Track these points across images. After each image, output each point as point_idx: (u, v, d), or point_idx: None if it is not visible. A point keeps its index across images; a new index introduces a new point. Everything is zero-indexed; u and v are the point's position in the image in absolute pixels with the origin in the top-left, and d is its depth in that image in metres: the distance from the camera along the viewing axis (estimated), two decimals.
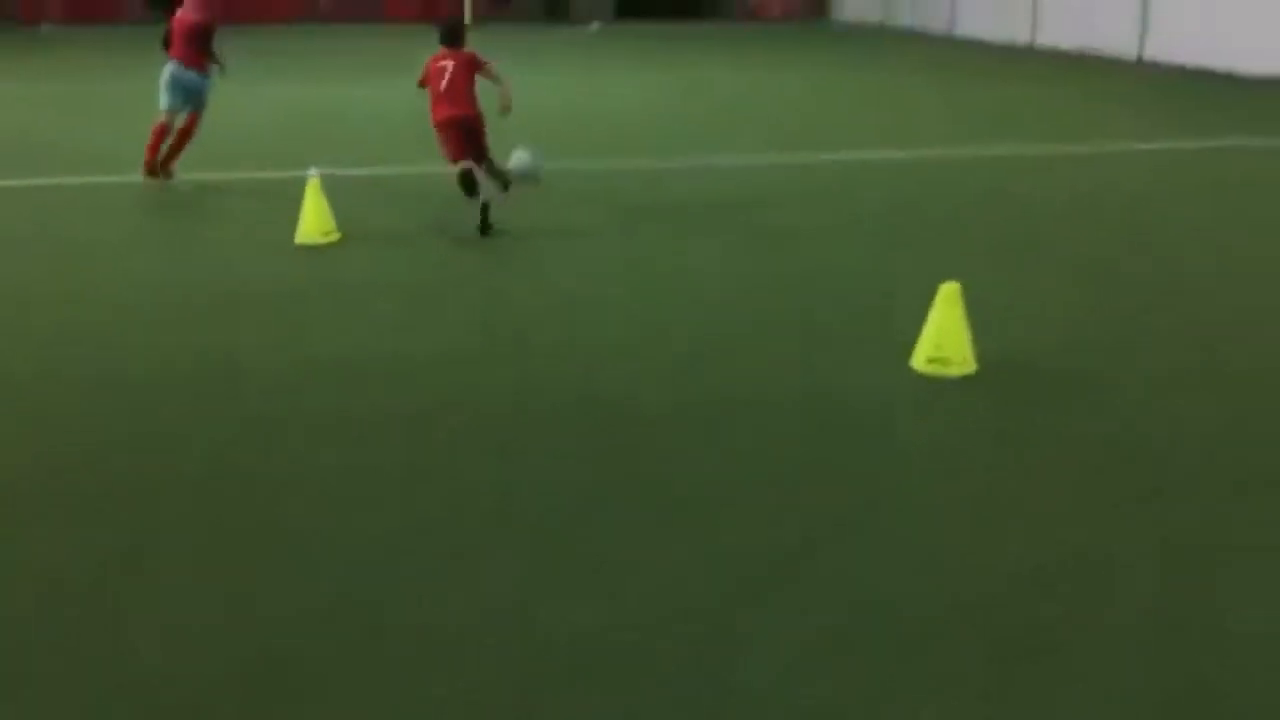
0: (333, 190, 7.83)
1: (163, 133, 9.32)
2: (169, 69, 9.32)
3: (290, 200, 7.97)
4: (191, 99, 9.35)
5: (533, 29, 27.20)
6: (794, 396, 5.02)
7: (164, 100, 9.28)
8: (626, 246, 7.72)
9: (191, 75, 9.31)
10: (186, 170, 9.64)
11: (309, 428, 4.69)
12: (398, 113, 13.66)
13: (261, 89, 15.91)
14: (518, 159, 8.12)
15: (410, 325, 6.02)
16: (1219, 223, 8.47)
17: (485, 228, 7.77)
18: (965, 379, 5.14)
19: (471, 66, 7.92)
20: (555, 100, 14.47)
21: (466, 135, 7.85)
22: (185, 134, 9.43)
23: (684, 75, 18.29)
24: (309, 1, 29.71)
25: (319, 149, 10.99)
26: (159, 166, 9.38)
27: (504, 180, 8.11)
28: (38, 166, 10.33)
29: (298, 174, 8.23)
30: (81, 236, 7.94)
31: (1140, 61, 19.62)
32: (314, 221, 7.62)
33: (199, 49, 9.33)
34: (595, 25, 28.46)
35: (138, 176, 9.44)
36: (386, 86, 16.11)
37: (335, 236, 7.65)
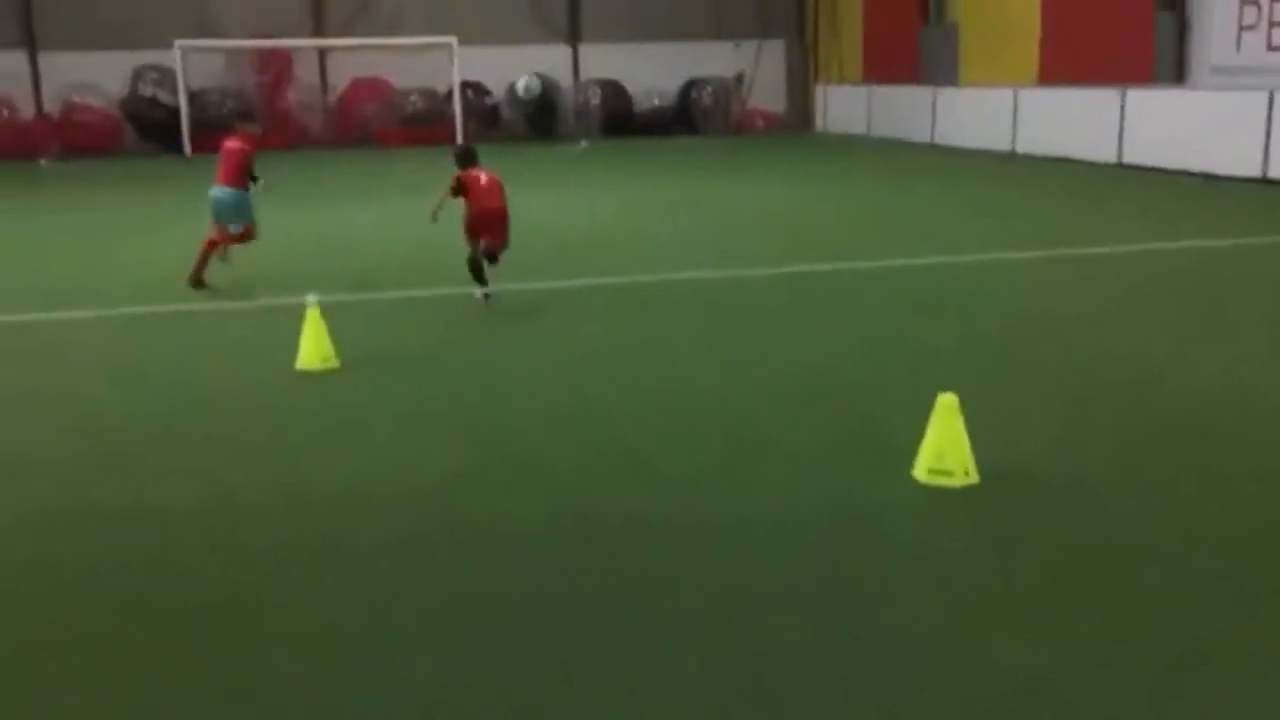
0: (331, 315, 7.94)
1: (212, 247, 10.58)
2: (215, 191, 10.55)
3: (289, 326, 8.07)
4: (241, 213, 10.66)
5: (521, 148, 27.80)
6: (796, 507, 5.04)
7: (215, 217, 10.60)
8: (625, 361, 7.81)
9: (236, 194, 10.58)
10: (186, 301, 9.76)
11: (306, 558, 4.69)
12: (392, 237, 13.91)
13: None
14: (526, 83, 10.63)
15: (407, 450, 6.06)
16: (1210, 323, 8.60)
17: (481, 273, 9.62)
18: (967, 489, 5.17)
19: (499, 181, 9.75)
20: (548, 217, 14.72)
21: (501, 224, 9.61)
22: (244, 238, 10.81)
23: (677, 189, 18.66)
24: (300, 130, 30.36)
25: (317, 274, 11.15)
26: (201, 275, 10.56)
27: (482, 273, 9.74)
28: (40, 300, 10.45)
29: (296, 300, 8.35)
30: (80, 365, 8.00)
31: (1120, 165, 20.07)
32: (313, 348, 7.71)
33: (242, 172, 10.58)
34: (583, 144, 29.09)
35: (132, 308, 9.55)
36: (380, 210, 16.44)
37: (334, 363, 7.74)
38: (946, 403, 5.24)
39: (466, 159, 9.82)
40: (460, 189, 9.63)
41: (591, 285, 10.56)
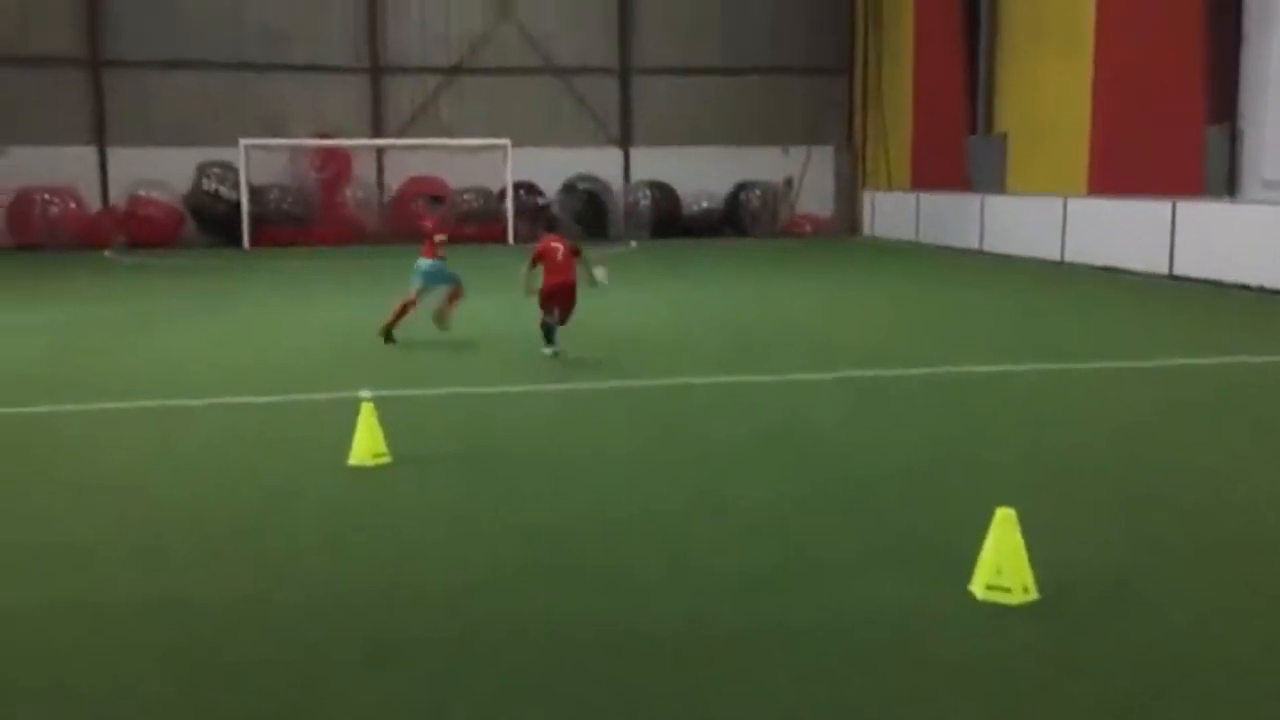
0: (385, 408, 8.01)
1: (407, 307, 12.79)
2: (422, 263, 12.88)
3: (343, 421, 8.16)
4: (444, 278, 13.03)
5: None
6: (849, 617, 4.96)
7: (416, 283, 12.85)
8: (677, 464, 7.78)
9: (437, 264, 12.94)
10: (239, 394, 9.92)
11: (355, 654, 4.67)
12: (444, 334, 14.07)
13: (312, 311, 16.50)
14: (600, 274, 11.96)
15: (457, 548, 6.05)
16: (1265, 438, 8.46)
17: (551, 336, 11.62)
18: (1026, 605, 5.07)
19: (574, 252, 11.66)
20: (595, 318, 14.85)
21: (570, 296, 11.56)
22: (455, 296, 13.20)
23: (724, 291, 18.79)
24: (356, 226, 31.01)
25: (372, 370, 11.29)
26: (390, 325, 12.96)
27: (553, 336, 11.74)
28: (99, 390, 10.65)
29: (350, 395, 8.45)
30: (138, 454, 8.11)
31: (1171, 277, 19.98)
32: (365, 443, 7.77)
33: (437, 248, 13.02)
34: (632, 244, 29.47)
35: (189, 400, 9.72)
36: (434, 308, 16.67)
37: (386, 458, 7.78)
38: (1005, 517, 5.17)
39: (551, 225, 11.77)
40: (537, 259, 11.30)
41: (642, 386, 10.60)
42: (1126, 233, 21.32)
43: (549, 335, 11.55)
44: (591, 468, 7.76)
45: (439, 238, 12.97)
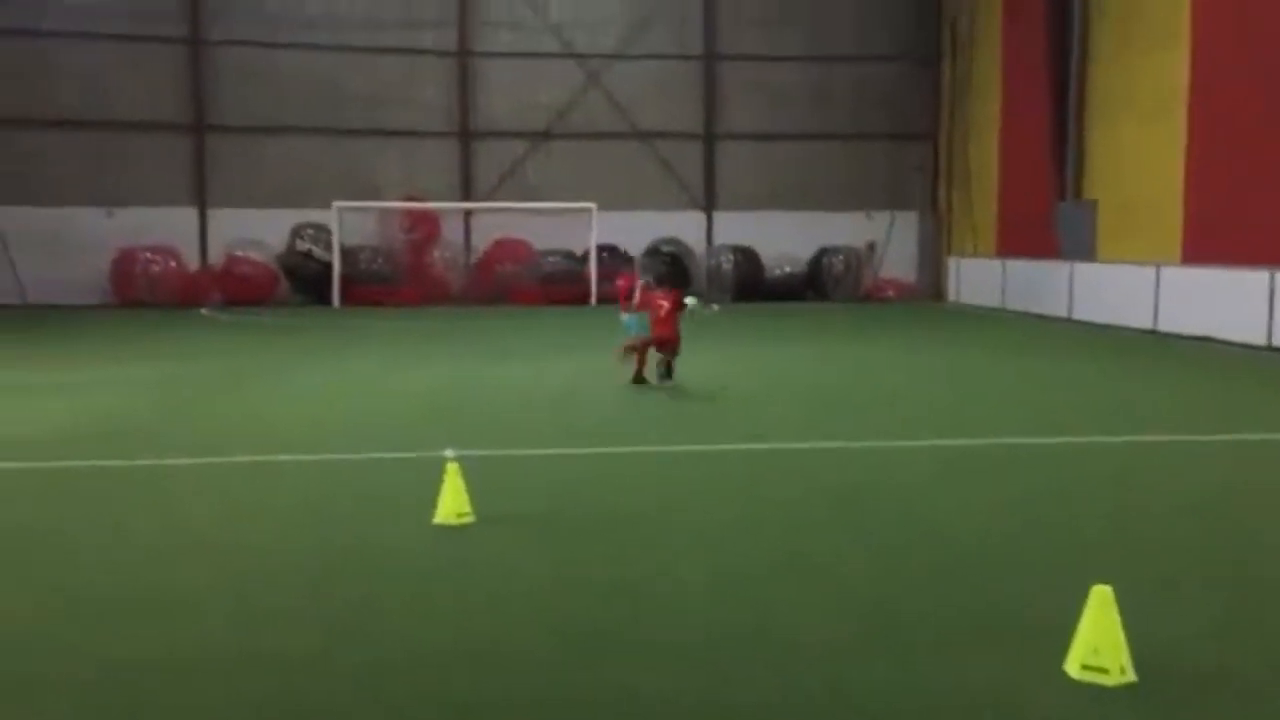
0: (470, 469, 8.08)
1: (638, 353, 14.48)
2: (624, 317, 15.23)
3: (430, 479, 8.24)
4: (642, 328, 14.69)
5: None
6: (937, 694, 4.84)
7: (630, 331, 14.92)
8: (762, 529, 7.71)
9: (637, 317, 14.86)
10: (328, 451, 10.11)
11: (430, 714, 4.67)
12: (528, 393, 14.19)
13: (399, 369, 16.78)
14: (693, 304, 14.47)
15: (539, 613, 6.05)
16: None
17: (668, 373, 14.20)
18: (1124, 687, 4.91)
19: (676, 303, 14.08)
20: (683, 378, 14.88)
21: (674, 344, 14.09)
22: (662, 345, 14.66)
23: (806, 355, 18.69)
24: (443, 287, 31.52)
25: (458, 428, 11.42)
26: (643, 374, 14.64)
27: (669, 374, 14.28)
28: (191, 444, 10.92)
29: (437, 454, 8.55)
30: (229, 510, 8.28)
31: (1271, 348, 19.42)
32: (451, 503, 7.85)
33: (632, 301, 15.08)
34: (715, 307, 29.53)
35: (282, 456, 9.93)
36: (518, 368, 16.86)
37: (470, 518, 7.84)
38: (1102, 595, 5.02)
39: (660, 279, 15.20)
40: (641, 306, 14.04)
41: (725, 450, 10.56)
42: (1223, 301, 20.77)
43: (666, 372, 14.19)
44: (673, 533, 7.73)
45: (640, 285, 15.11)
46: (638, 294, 15.10)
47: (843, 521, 7.99)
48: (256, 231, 31.07)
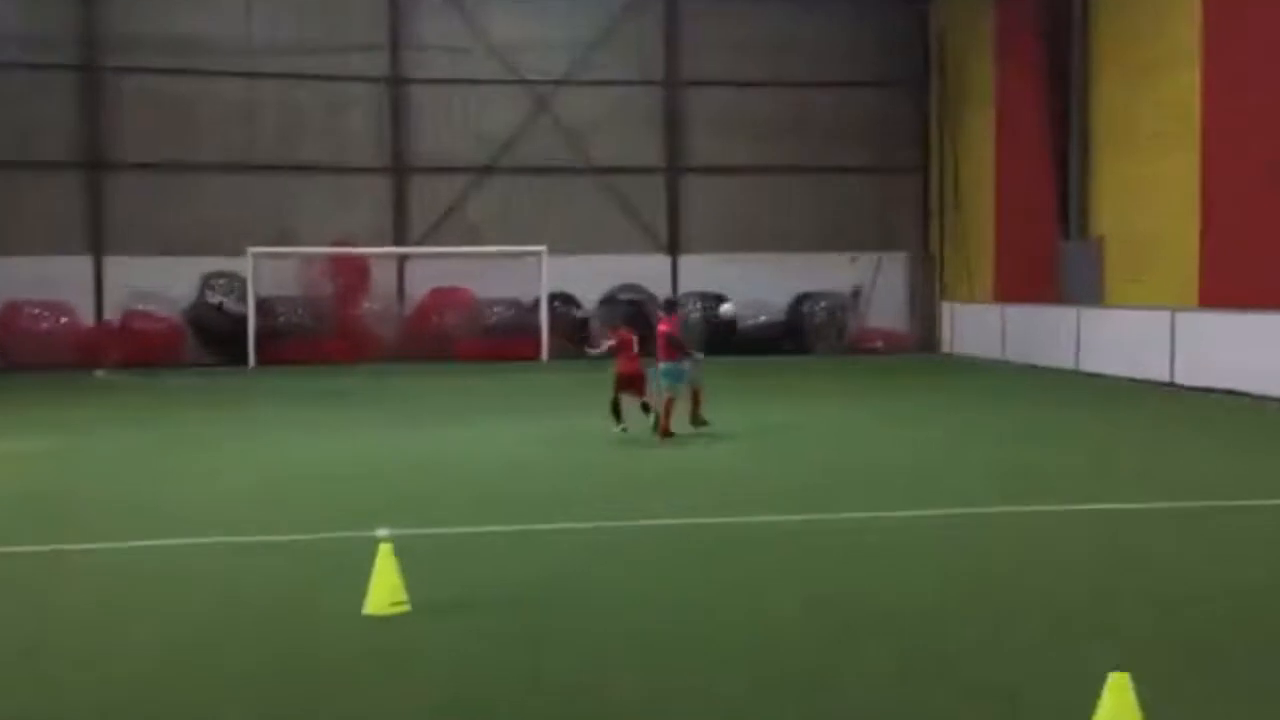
0: (403, 551, 8.01)
1: (671, 406, 15.45)
2: (663, 366, 15.68)
3: (359, 563, 8.16)
4: (685, 378, 15.82)
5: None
6: None
7: (665, 385, 15.60)
8: (725, 635, 7.71)
9: (674, 366, 15.65)
10: (246, 533, 9.98)
11: None
12: (471, 463, 14.11)
13: (322, 438, 16.66)
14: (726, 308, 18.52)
15: (482, 704, 5.99)
16: None
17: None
18: None
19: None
20: (652, 450, 14.85)
21: (639, 384, 15.60)
22: (697, 394, 16.17)
23: (786, 417, 18.75)
24: (374, 341, 31.40)
25: (390, 504, 11.33)
26: (691, 421, 16.06)
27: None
28: (96, 531, 10.76)
29: (367, 534, 8.48)
30: (140, 599, 8.16)
31: None
32: (383, 590, 7.77)
33: (676, 349, 15.77)
34: (700, 356, 29.57)
35: (197, 539, 9.81)
36: (459, 434, 16.79)
37: (404, 607, 7.77)
38: (1118, 683, 5.05)
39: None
40: (617, 348, 15.57)
41: (696, 524, 10.55)
42: (1249, 350, 20.86)
43: (616, 414, 15.52)
44: (630, 614, 7.70)
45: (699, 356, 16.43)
46: (610, 339, 16.66)
47: (829, 620, 7.99)
48: (160, 282, 30.83)
